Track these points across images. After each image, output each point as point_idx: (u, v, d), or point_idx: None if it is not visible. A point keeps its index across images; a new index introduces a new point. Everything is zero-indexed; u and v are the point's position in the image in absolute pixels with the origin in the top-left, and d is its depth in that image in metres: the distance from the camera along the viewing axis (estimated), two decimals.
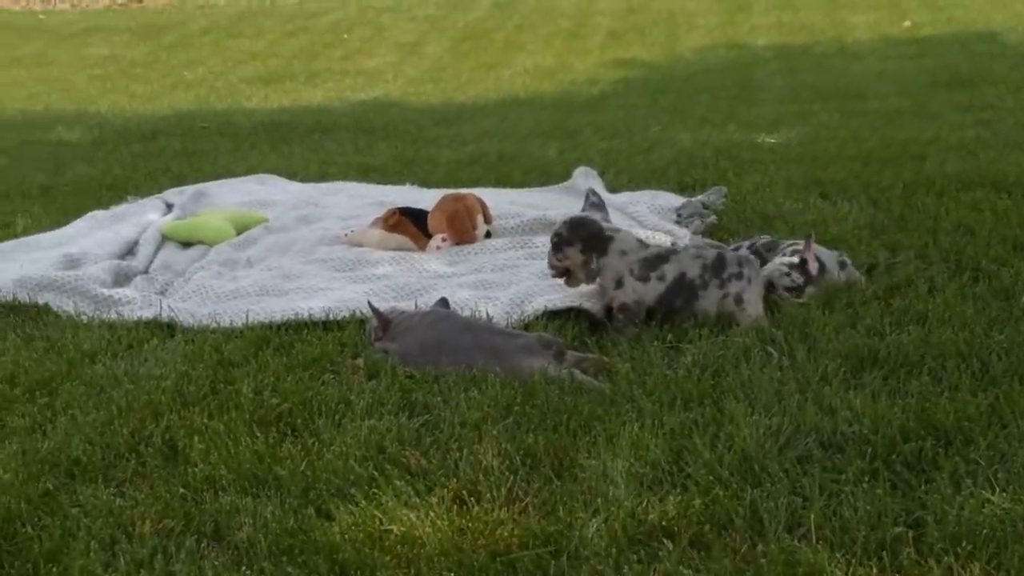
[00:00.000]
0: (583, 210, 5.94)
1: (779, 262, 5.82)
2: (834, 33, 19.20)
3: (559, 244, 5.68)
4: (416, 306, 5.67)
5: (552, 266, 5.76)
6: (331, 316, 5.69)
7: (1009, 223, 6.62)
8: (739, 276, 5.52)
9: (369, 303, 5.41)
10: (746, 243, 6.32)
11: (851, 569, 3.37)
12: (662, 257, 5.60)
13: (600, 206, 5.94)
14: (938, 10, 20.73)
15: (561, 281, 5.80)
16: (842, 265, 5.89)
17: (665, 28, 20.73)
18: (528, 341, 5.05)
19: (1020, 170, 8.00)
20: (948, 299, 5.40)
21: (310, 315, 5.70)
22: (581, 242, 5.62)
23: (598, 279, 5.63)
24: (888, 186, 7.76)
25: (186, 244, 7.34)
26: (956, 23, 19.41)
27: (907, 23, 19.84)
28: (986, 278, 5.74)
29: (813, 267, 5.71)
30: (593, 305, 5.62)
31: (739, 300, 5.48)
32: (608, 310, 5.60)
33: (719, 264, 5.56)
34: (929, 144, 9.30)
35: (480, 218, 7.02)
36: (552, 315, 5.58)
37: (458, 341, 5.08)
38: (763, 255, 5.97)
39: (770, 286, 5.74)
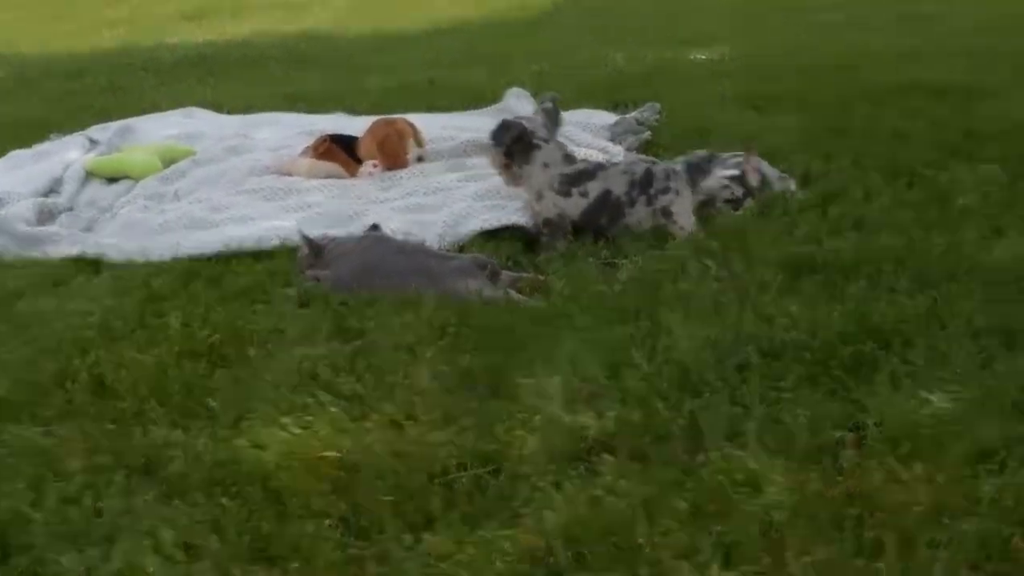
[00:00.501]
0: (534, 112, 5.88)
1: (719, 174, 5.76)
2: None
3: (489, 144, 5.71)
4: (349, 232, 5.58)
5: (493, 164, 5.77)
6: (261, 245, 5.59)
7: (945, 128, 6.60)
8: (666, 190, 5.47)
9: (300, 231, 5.31)
10: (681, 158, 6.24)
11: (791, 475, 3.32)
12: (587, 173, 5.54)
13: (552, 113, 5.85)
14: None
15: (496, 199, 5.77)
16: (782, 180, 5.84)
17: None
18: (462, 263, 4.97)
19: (954, 75, 8.00)
20: (884, 204, 5.37)
21: (240, 245, 5.59)
22: (504, 145, 5.58)
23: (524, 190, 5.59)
24: (823, 97, 7.71)
25: (111, 180, 7.15)
26: None
27: None
28: (922, 182, 5.71)
29: (754, 179, 5.66)
30: (528, 221, 5.55)
31: (667, 213, 5.42)
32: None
33: (647, 179, 5.50)
34: (865, 55, 9.25)
35: (412, 142, 6.89)
36: (487, 236, 5.50)
37: (392, 264, 5.00)
38: (704, 168, 5.88)
39: (710, 199, 5.68)
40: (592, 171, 5.54)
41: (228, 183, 6.82)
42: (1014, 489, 3.16)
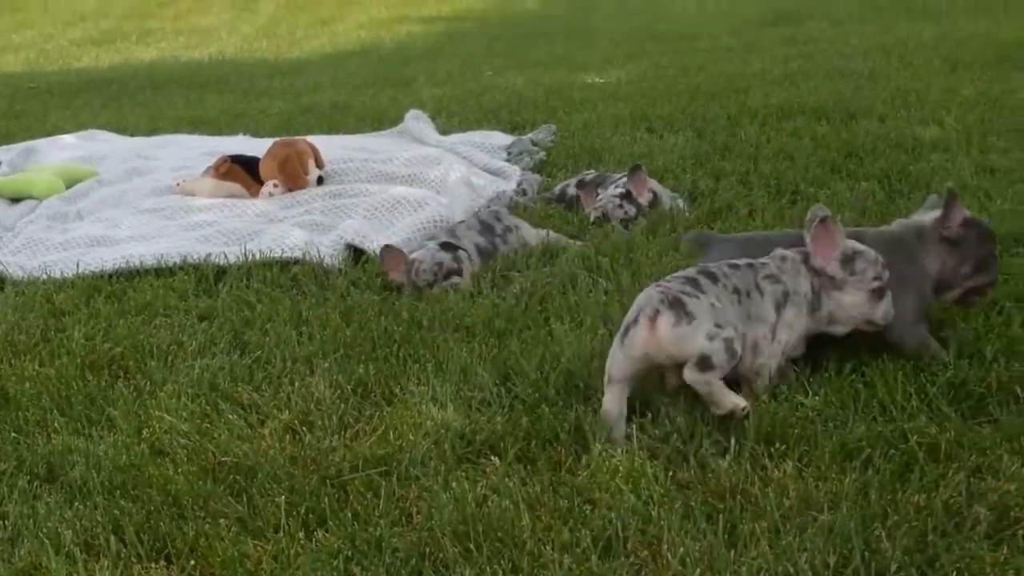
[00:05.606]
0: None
1: (611, 194, 5.95)
2: None
3: None
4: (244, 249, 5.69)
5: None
6: (163, 263, 5.68)
7: (827, 147, 6.84)
8: (508, 230, 5.65)
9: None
10: (574, 180, 6.43)
11: (670, 472, 3.49)
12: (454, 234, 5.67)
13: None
14: None
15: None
16: (672, 198, 6.03)
17: None
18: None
19: (837, 97, 8.27)
20: (767, 220, 5.56)
21: (141, 262, 5.69)
22: None
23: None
24: (713, 118, 7.95)
25: (14, 200, 7.22)
26: None
27: None
28: (803, 199, 5.92)
29: (644, 198, 5.84)
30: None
31: (523, 242, 5.60)
32: None
33: (487, 229, 5.66)
34: (754, 77, 9.54)
35: (312, 162, 6.98)
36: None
37: None
38: (595, 188, 6.10)
39: (604, 217, 5.87)
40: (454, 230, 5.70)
41: (129, 203, 6.90)
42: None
